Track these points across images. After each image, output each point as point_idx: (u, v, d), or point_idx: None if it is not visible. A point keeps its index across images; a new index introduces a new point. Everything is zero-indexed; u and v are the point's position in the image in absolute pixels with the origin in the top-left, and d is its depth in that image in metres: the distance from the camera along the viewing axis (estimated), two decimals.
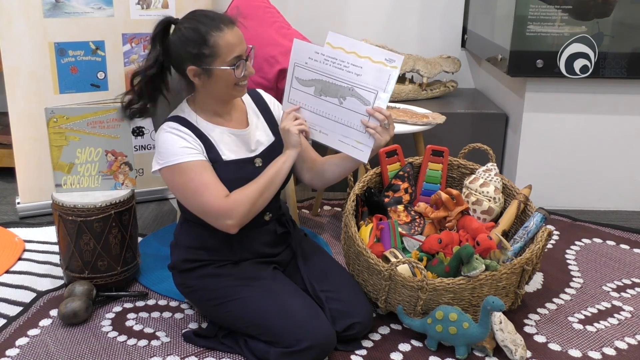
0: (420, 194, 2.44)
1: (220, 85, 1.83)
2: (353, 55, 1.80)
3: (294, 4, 3.53)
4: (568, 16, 2.78)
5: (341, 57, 1.84)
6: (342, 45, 1.78)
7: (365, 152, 1.88)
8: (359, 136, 1.86)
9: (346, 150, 1.90)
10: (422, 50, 3.61)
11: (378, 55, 1.80)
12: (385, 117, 1.82)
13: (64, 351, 1.94)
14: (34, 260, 2.50)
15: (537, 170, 3.06)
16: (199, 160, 1.81)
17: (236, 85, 1.84)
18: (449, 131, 3.07)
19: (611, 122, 2.99)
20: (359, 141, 1.87)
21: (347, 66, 1.83)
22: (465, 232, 2.22)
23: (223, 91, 1.85)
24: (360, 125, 1.85)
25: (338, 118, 1.88)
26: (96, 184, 2.26)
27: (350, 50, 1.77)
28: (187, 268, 1.97)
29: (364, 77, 1.81)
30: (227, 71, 1.79)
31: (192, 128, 1.86)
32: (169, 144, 1.82)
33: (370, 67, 1.80)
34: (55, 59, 2.74)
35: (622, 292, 2.35)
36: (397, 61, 1.80)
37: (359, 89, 1.82)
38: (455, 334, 1.90)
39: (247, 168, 1.90)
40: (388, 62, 1.80)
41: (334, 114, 1.88)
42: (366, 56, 1.80)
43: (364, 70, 1.80)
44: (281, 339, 1.81)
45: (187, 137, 1.83)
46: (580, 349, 2.01)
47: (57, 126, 2.18)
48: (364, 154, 1.88)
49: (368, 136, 1.85)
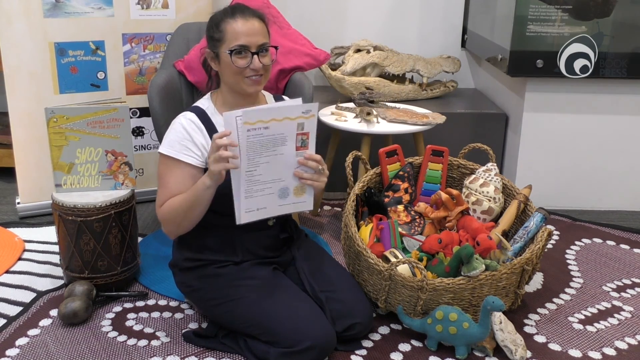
0: (420, 194, 2.44)
1: (226, 72, 1.87)
2: (272, 122, 1.78)
3: (294, 4, 3.53)
4: (568, 16, 2.78)
5: (262, 127, 1.80)
6: (259, 117, 1.77)
7: (308, 202, 1.88)
8: (296, 191, 1.85)
9: (289, 210, 1.88)
10: (422, 50, 3.61)
11: (295, 112, 1.79)
12: (317, 161, 1.82)
13: (64, 351, 1.94)
14: (34, 260, 2.50)
15: (537, 170, 3.06)
16: (187, 164, 1.85)
17: (244, 77, 1.86)
18: (449, 131, 3.07)
19: (611, 122, 2.99)
20: (298, 195, 1.86)
21: (271, 133, 1.78)
22: (465, 232, 2.22)
23: (231, 79, 1.88)
24: (293, 179, 1.83)
25: (272, 180, 1.81)
26: (96, 184, 2.26)
27: (268, 119, 1.77)
28: (187, 267, 1.97)
29: (286, 134, 1.79)
30: (229, 59, 1.83)
31: (207, 122, 1.89)
32: (176, 134, 1.87)
33: (290, 125, 1.79)
34: (55, 59, 2.74)
35: (622, 292, 2.35)
36: (313, 110, 1.81)
37: (285, 146, 1.79)
38: (455, 334, 1.90)
39: None
40: (305, 114, 1.80)
41: (267, 177, 1.80)
42: (284, 117, 1.79)
43: (285, 129, 1.78)
44: (281, 339, 1.81)
45: (196, 138, 1.86)
46: (580, 349, 2.01)
47: (57, 126, 2.18)
48: (307, 204, 1.88)
49: (306, 186, 1.85)
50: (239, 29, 1.82)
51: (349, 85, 3.23)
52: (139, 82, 2.94)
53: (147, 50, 2.91)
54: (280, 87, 2.69)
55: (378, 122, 2.69)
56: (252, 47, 1.83)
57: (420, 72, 3.35)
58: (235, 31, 1.82)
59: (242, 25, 1.83)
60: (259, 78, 1.88)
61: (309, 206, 1.89)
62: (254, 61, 1.84)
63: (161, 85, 2.47)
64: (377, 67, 3.29)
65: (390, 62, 3.29)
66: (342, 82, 3.23)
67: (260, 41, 1.84)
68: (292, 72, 2.68)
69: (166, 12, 2.89)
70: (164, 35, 2.91)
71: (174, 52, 2.72)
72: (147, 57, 2.92)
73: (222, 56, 1.86)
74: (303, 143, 1.81)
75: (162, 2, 2.87)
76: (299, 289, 1.96)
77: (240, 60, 1.83)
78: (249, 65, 1.84)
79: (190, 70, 2.64)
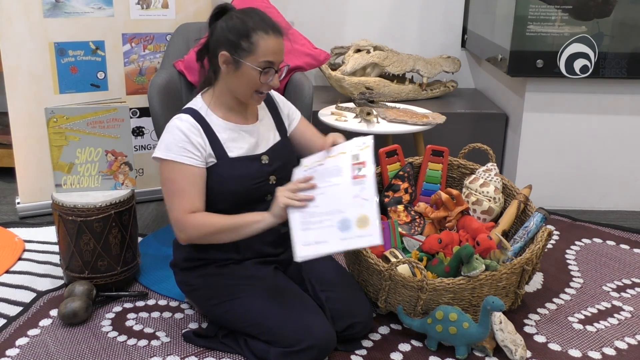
0: (420, 194, 2.44)
1: (242, 82, 1.83)
2: (327, 159, 1.80)
3: (294, 4, 3.53)
4: (568, 16, 2.78)
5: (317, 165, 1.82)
6: (317, 159, 1.81)
7: (375, 234, 1.67)
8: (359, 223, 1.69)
9: (354, 245, 1.71)
10: (422, 50, 3.61)
11: (348, 147, 1.81)
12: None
13: (64, 351, 1.94)
14: (34, 260, 2.50)
15: (537, 170, 3.06)
16: (190, 165, 1.82)
17: (256, 92, 1.85)
18: (449, 131, 3.07)
19: (611, 122, 2.99)
20: (362, 228, 1.68)
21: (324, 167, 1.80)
22: (465, 232, 2.22)
23: (243, 90, 1.85)
24: (354, 209, 1.71)
25: (330, 211, 1.72)
26: (96, 184, 2.26)
27: (324, 158, 1.80)
28: (188, 266, 1.97)
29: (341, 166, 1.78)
30: (255, 72, 1.80)
31: (202, 122, 1.87)
32: (172, 136, 1.83)
33: (344, 158, 1.79)
34: (55, 59, 2.74)
35: (622, 292, 2.35)
36: (367, 142, 1.80)
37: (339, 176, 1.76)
38: (455, 334, 1.90)
39: (254, 165, 1.90)
40: (359, 146, 1.80)
41: (325, 208, 1.73)
42: (339, 153, 1.81)
43: (339, 162, 1.78)
44: (281, 338, 1.81)
45: (194, 139, 1.83)
46: (580, 349, 2.01)
47: (57, 126, 2.18)
48: (374, 237, 1.67)
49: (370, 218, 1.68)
50: (271, 46, 1.79)
51: (349, 85, 3.23)
52: (139, 82, 2.94)
53: (147, 50, 2.91)
54: (280, 87, 2.69)
55: (378, 122, 2.69)
56: (276, 65, 1.82)
57: (420, 72, 3.35)
58: (267, 47, 1.79)
59: (274, 44, 1.80)
60: (266, 95, 1.89)
61: (376, 240, 1.67)
62: (274, 79, 1.83)
63: (161, 85, 2.47)
64: (377, 67, 3.29)
65: (390, 62, 3.29)
66: (342, 82, 3.23)
67: (282, 59, 1.84)
68: (292, 72, 2.68)
69: (166, 12, 2.89)
70: (164, 35, 2.91)
71: (174, 52, 2.72)
72: (147, 57, 2.92)
73: (244, 67, 1.81)
74: (360, 171, 1.76)
75: (162, 2, 2.87)
76: (300, 289, 1.96)
77: (264, 76, 1.81)
78: (268, 81, 1.83)
79: (190, 70, 2.64)
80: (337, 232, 1.70)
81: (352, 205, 1.71)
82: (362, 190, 1.72)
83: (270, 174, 1.92)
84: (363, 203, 1.70)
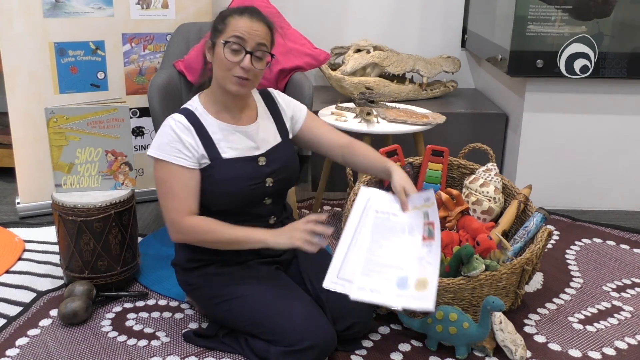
0: None
1: (217, 65, 1.84)
2: (404, 213, 1.87)
3: (294, 4, 3.53)
4: (568, 16, 2.78)
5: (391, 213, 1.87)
6: (389, 206, 1.86)
7: (430, 300, 1.67)
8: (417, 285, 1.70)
9: (406, 303, 1.70)
10: (422, 50, 3.61)
11: (418, 201, 1.86)
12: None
13: (64, 351, 1.94)
14: (34, 260, 2.50)
15: (537, 170, 3.06)
16: (182, 167, 1.82)
17: (231, 75, 1.81)
18: (449, 131, 3.07)
19: (611, 122, 2.99)
20: (419, 290, 1.70)
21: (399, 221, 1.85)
22: (465, 232, 2.22)
23: (220, 74, 1.84)
24: (415, 270, 1.74)
25: (391, 264, 1.76)
26: (96, 184, 2.26)
27: (397, 206, 1.86)
28: (190, 266, 1.97)
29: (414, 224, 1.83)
30: (222, 49, 1.79)
31: (196, 123, 1.86)
32: (165, 137, 1.83)
33: (417, 214, 1.85)
34: (55, 59, 2.74)
35: (622, 292, 2.35)
36: (431, 197, 1.85)
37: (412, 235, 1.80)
38: (455, 334, 1.90)
39: (249, 166, 1.90)
40: (427, 201, 1.85)
41: (387, 261, 1.76)
42: (413, 207, 1.87)
43: (414, 218, 1.84)
44: (282, 338, 1.81)
45: (185, 140, 1.82)
46: (580, 349, 2.01)
47: (57, 126, 2.18)
48: (427, 302, 1.67)
49: (429, 283, 1.70)
50: (241, 25, 1.80)
51: (349, 85, 3.23)
52: (139, 82, 2.94)
53: (147, 50, 2.91)
54: (280, 87, 2.69)
55: (378, 122, 2.69)
56: (248, 45, 1.80)
57: (420, 72, 3.35)
58: (236, 26, 1.80)
59: (245, 23, 1.81)
60: (245, 82, 1.83)
61: (430, 305, 1.67)
62: (245, 59, 1.80)
63: (161, 85, 2.47)
64: (377, 67, 3.29)
65: (390, 62, 3.29)
66: (342, 82, 3.23)
67: (258, 41, 1.81)
68: (292, 72, 2.68)
69: (166, 12, 2.89)
70: (164, 35, 2.91)
71: (174, 52, 2.72)
72: (147, 57, 2.92)
73: (217, 46, 1.82)
74: (430, 233, 1.78)
75: (162, 2, 2.87)
76: (300, 289, 1.96)
77: (231, 54, 1.79)
78: (240, 62, 1.80)
79: (190, 70, 2.64)
80: (393, 286, 1.72)
81: (415, 265, 1.75)
82: (429, 254, 1.76)
83: (267, 175, 1.92)
84: (426, 267, 1.74)
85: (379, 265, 1.75)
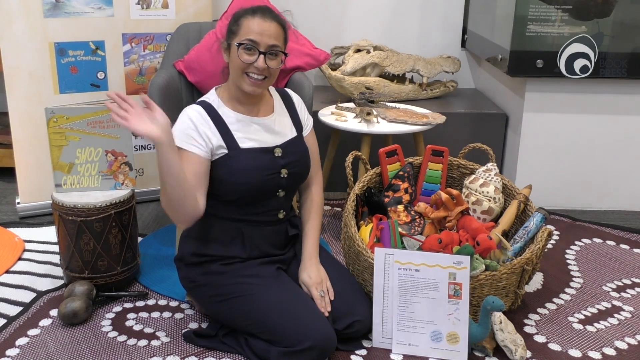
0: (420, 194, 2.44)
1: (232, 66, 1.89)
2: (423, 266, 1.93)
3: (293, 4, 3.53)
4: (568, 16, 2.78)
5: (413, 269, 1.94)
6: (410, 259, 1.93)
7: (462, 353, 1.89)
8: (449, 338, 1.89)
9: (441, 356, 1.91)
10: (422, 50, 3.61)
11: (446, 261, 1.92)
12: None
13: (64, 351, 1.94)
14: (34, 260, 2.50)
15: (537, 170, 3.06)
16: (191, 152, 1.84)
17: (245, 74, 1.86)
18: (449, 131, 3.07)
19: (611, 122, 2.99)
20: (452, 343, 1.89)
21: (422, 277, 1.92)
22: (465, 232, 2.21)
23: (235, 74, 1.89)
24: (446, 325, 1.90)
25: (424, 320, 1.92)
26: (96, 184, 2.26)
27: (419, 262, 1.93)
28: (193, 262, 1.97)
29: (438, 281, 1.91)
30: (237, 50, 1.84)
31: (214, 113, 1.90)
32: (180, 123, 1.88)
33: (441, 272, 1.91)
34: (55, 59, 2.74)
35: (622, 292, 2.35)
36: (464, 262, 1.91)
37: (437, 292, 1.91)
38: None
39: (266, 157, 1.92)
40: (457, 264, 1.91)
41: (420, 317, 1.92)
42: (435, 264, 1.92)
43: (437, 275, 1.92)
44: (282, 338, 1.81)
45: (201, 129, 1.86)
46: (580, 349, 2.01)
47: (57, 126, 2.18)
48: (460, 354, 1.89)
49: (460, 336, 1.88)
50: (254, 26, 1.84)
51: (349, 85, 3.23)
52: (139, 82, 2.94)
53: (147, 50, 2.91)
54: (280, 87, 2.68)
55: (378, 122, 2.69)
56: (261, 46, 1.84)
57: (420, 72, 3.35)
58: (249, 27, 1.84)
59: (258, 24, 1.84)
60: (260, 81, 1.87)
61: (463, 357, 1.89)
62: (258, 60, 1.84)
63: (161, 85, 2.47)
64: (377, 67, 3.29)
65: (390, 62, 3.29)
66: (342, 82, 3.23)
67: (271, 42, 1.85)
68: (292, 72, 2.68)
69: (166, 12, 2.89)
70: (164, 35, 2.91)
71: (174, 52, 2.72)
72: (147, 57, 2.92)
73: (232, 48, 1.87)
74: (456, 293, 1.89)
75: (162, 2, 2.87)
76: (301, 289, 1.96)
77: (245, 55, 1.84)
78: (254, 63, 1.84)
79: (190, 70, 2.64)
80: (428, 340, 1.92)
81: (445, 321, 1.91)
82: (457, 311, 1.90)
83: (283, 167, 1.94)
84: (456, 322, 1.90)
85: (412, 321, 1.93)
